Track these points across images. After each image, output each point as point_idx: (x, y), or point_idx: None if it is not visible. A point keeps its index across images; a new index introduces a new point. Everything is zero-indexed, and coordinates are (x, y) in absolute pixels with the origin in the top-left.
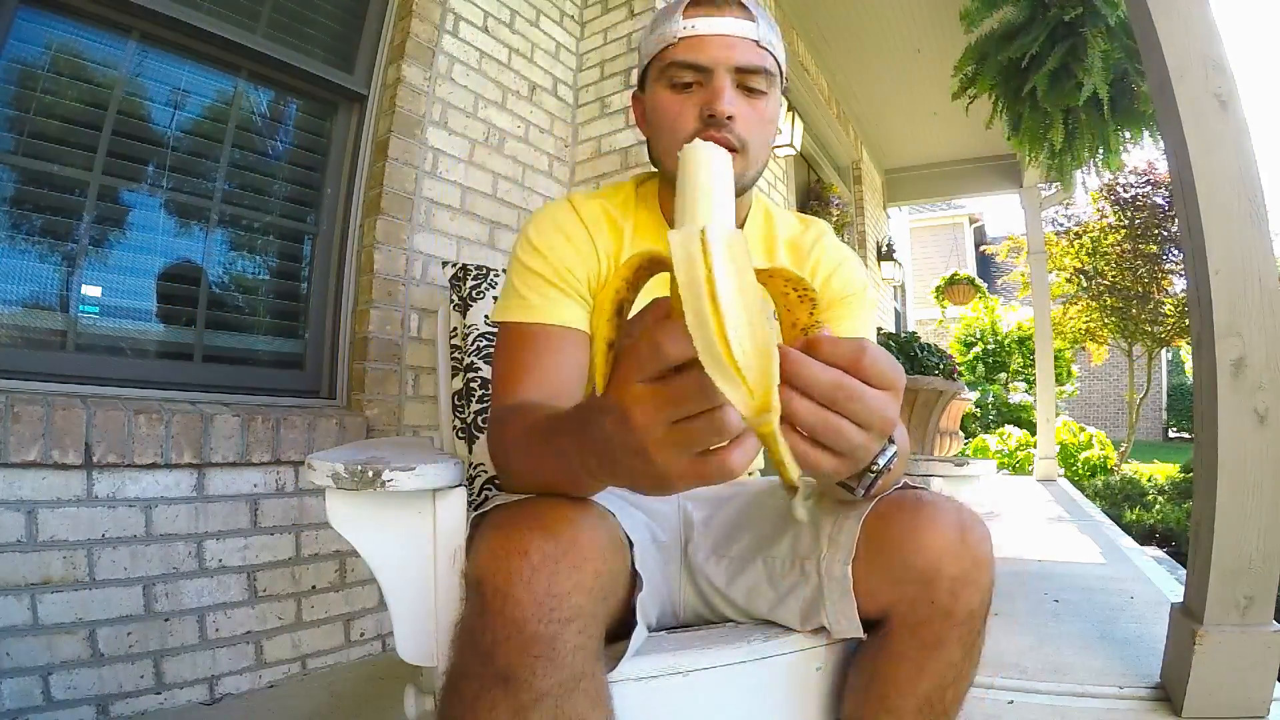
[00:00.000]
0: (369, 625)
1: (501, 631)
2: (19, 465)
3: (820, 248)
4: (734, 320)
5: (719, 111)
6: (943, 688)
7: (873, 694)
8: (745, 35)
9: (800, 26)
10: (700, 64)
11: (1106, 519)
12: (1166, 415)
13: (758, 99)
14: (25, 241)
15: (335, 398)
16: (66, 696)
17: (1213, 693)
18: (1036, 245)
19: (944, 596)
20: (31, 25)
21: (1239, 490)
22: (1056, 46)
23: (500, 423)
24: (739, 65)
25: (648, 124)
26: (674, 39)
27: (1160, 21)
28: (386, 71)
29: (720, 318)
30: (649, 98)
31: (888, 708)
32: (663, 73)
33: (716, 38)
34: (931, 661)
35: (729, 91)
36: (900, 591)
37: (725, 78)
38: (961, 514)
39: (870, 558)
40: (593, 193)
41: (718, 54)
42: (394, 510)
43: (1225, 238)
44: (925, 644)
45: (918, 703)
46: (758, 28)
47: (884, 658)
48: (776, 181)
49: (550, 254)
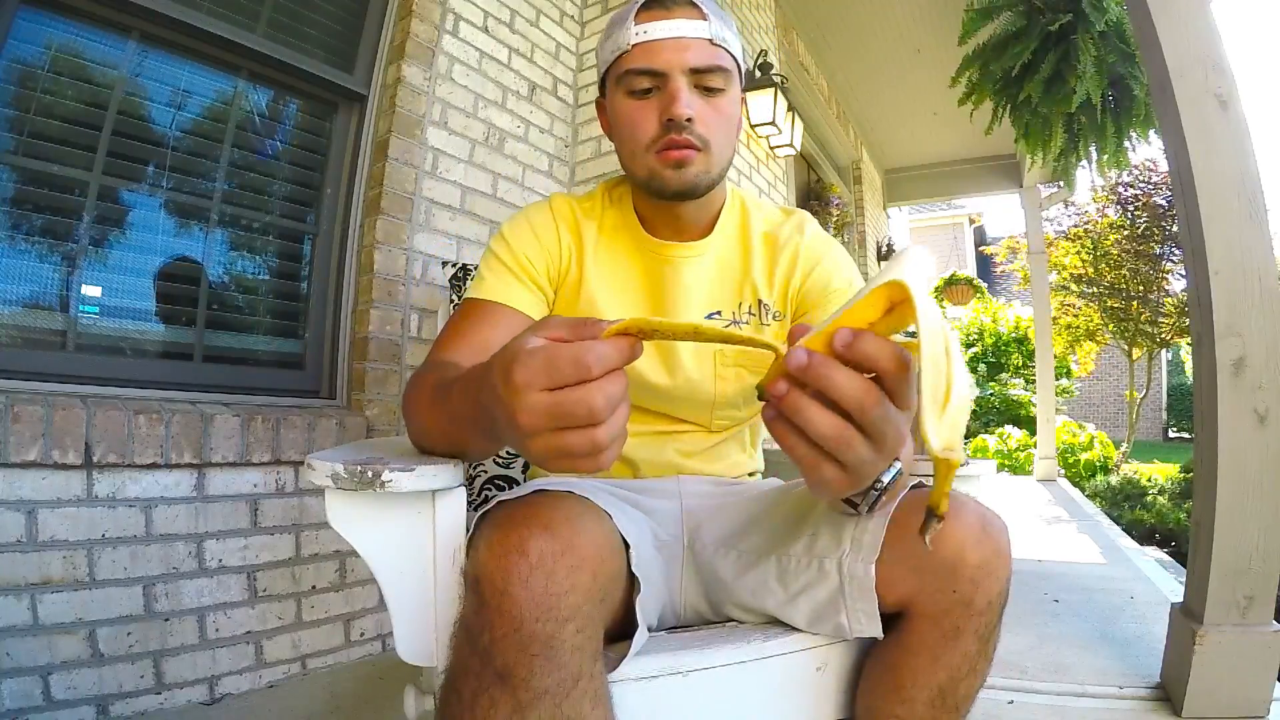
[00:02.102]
0: (369, 625)
1: (499, 630)
2: (19, 465)
3: (798, 241)
4: (959, 369)
5: (678, 115)
6: (956, 680)
7: (888, 684)
8: (698, 35)
9: (800, 26)
10: (655, 69)
11: (1106, 519)
12: (1166, 415)
13: (716, 96)
14: (25, 241)
15: (335, 398)
16: (66, 696)
17: (1213, 693)
18: (1036, 245)
19: (965, 586)
20: (31, 25)
21: (1239, 490)
22: (1048, 54)
23: (417, 377)
24: (693, 66)
25: (612, 130)
26: (628, 46)
27: (1160, 21)
28: (386, 71)
29: (950, 364)
30: (610, 105)
31: (902, 698)
32: (620, 80)
33: (669, 41)
34: (948, 653)
35: (685, 94)
36: (921, 581)
37: (681, 80)
38: (980, 507)
39: (890, 549)
40: (573, 195)
41: (671, 57)
42: (394, 510)
43: (1225, 238)
44: (944, 634)
45: (931, 694)
46: (710, 25)
47: (901, 648)
48: (776, 181)
49: (514, 243)
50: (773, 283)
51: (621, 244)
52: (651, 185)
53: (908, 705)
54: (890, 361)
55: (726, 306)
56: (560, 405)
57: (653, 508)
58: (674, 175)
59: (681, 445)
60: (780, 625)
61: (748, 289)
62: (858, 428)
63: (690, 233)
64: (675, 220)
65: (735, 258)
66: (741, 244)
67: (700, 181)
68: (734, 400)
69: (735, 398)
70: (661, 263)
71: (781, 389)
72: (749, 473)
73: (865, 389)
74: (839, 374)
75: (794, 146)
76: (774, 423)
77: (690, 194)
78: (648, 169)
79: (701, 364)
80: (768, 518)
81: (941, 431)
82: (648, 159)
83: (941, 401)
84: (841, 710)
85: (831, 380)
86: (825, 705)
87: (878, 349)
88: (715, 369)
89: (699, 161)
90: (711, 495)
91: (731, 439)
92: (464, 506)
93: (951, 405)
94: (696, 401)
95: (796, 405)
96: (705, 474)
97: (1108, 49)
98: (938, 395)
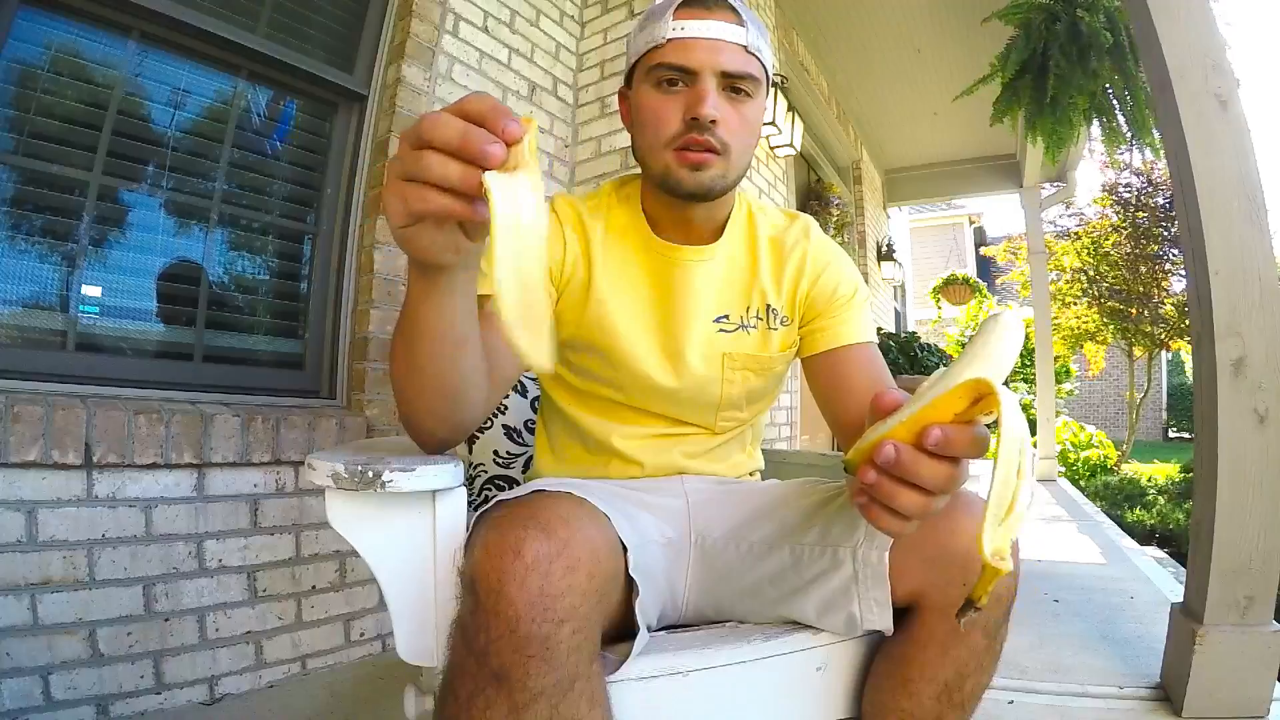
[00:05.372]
0: (369, 625)
1: (495, 630)
2: (19, 465)
3: (804, 247)
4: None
5: (702, 116)
6: (963, 676)
7: (896, 678)
8: (734, 40)
9: (800, 26)
10: (687, 67)
11: (1106, 519)
12: (1166, 415)
13: (742, 103)
14: (25, 241)
15: (335, 398)
16: (66, 696)
17: (1213, 692)
18: (1036, 245)
19: (977, 577)
20: (31, 25)
21: (1239, 490)
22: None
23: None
24: (725, 70)
25: (632, 122)
26: (662, 40)
27: (1160, 21)
28: (386, 71)
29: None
30: (635, 96)
31: (910, 691)
32: (649, 73)
33: (704, 41)
34: (956, 647)
35: (713, 96)
36: (934, 573)
37: (710, 82)
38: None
39: (904, 542)
40: (575, 196)
41: (705, 57)
42: (394, 511)
43: (1225, 238)
44: (953, 627)
45: (938, 689)
46: (747, 32)
47: (910, 641)
48: (776, 181)
49: None
50: (781, 287)
51: (629, 245)
52: (666, 182)
53: (915, 699)
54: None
55: (734, 310)
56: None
57: (658, 505)
58: (690, 176)
59: (685, 447)
60: (780, 625)
61: (756, 293)
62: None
63: (700, 236)
64: (686, 222)
65: (743, 262)
66: (749, 248)
67: (715, 185)
68: (738, 402)
69: (740, 400)
70: (670, 265)
71: (872, 478)
72: (749, 472)
73: (948, 474)
74: (925, 466)
75: (794, 146)
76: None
77: (704, 196)
78: (664, 165)
79: (709, 366)
80: (778, 510)
81: (996, 540)
82: (665, 155)
83: (1002, 516)
84: (842, 710)
85: (919, 474)
86: (825, 705)
87: (965, 446)
88: (722, 371)
89: (717, 165)
90: (717, 492)
91: (733, 440)
92: (464, 506)
93: (1011, 518)
94: (702, 404)
95: (889, 492)
96: (709, 474)
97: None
98: (1000, 509)
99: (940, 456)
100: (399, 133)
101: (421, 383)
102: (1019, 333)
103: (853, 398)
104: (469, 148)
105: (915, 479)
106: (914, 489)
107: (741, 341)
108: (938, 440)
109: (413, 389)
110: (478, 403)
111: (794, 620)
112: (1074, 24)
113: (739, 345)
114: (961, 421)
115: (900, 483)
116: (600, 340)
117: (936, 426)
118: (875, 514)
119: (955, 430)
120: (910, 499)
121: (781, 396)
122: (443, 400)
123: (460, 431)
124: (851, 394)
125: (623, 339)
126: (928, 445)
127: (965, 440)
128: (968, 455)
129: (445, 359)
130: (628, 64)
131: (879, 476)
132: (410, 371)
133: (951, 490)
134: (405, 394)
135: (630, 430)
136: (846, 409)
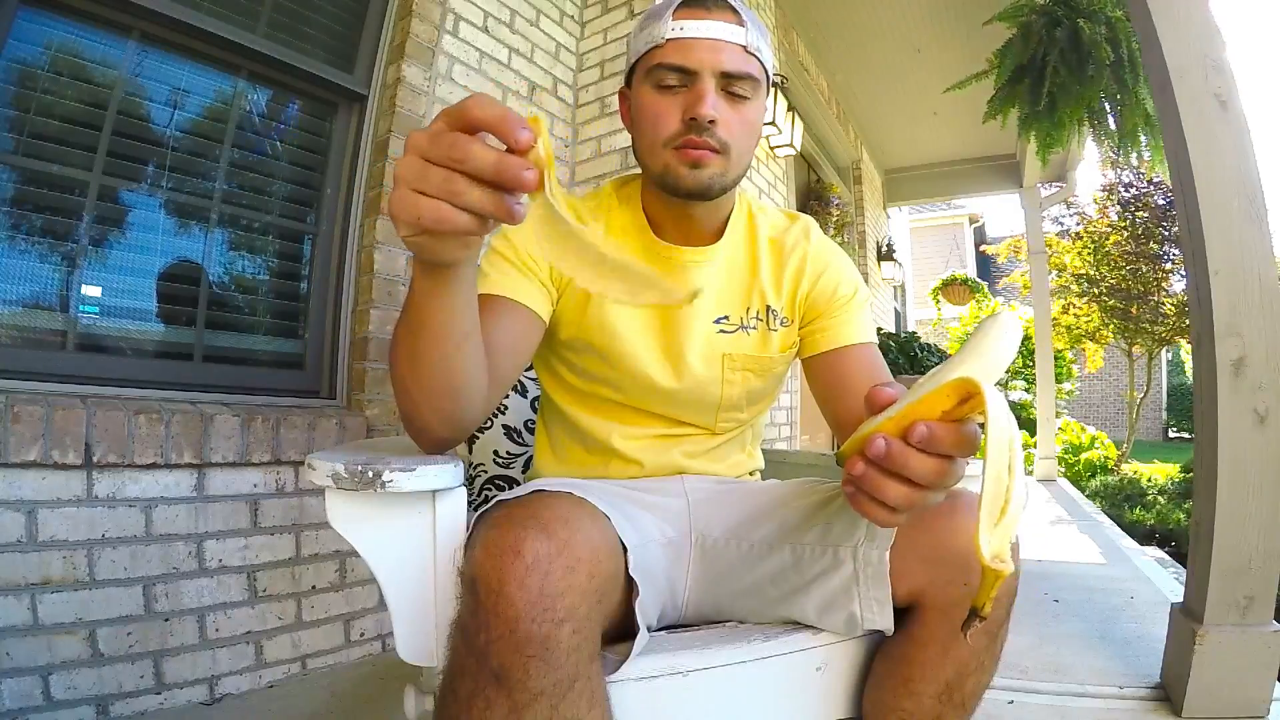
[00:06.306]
0: (369, 625)
1: (495, 630)
2: (19, 465)
3: (804, 248)
4: (1019, 484)
5: (701, 116)
6: (964, 675)
7: (896, 678)
8: (733, 40)
9: (800, 26)
10: (686, 67)
11: (1106, 519)
12: (1166, 415)
13: (742, 104)
14: (25, 241)
15: (335, 398)
16: (66, 696)
17: (1213, 693)
18: (1036, 245)
19: (977, 579)
20: (31, 25)
21: (1239, 490)
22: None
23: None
24: (725, 70)
25: (632, 122)
26: (661, 40)
27: (1160, 21)
28: (386, 71)
29: (1012, 480)
30: (634, 96)
31: (910, 691)
32: (649, 73)
33: (704, 41)
34: (957, 646)
35: (712, 96)
36: (934, 573)
37: (710, 82)
38: None
39: (904, 541)
40: (576, 196)
41: (704, 58)
42: (394, 511)
43: (1225, 238)
44: (954, 627)
45: (938, 689)
46: (747, 33)
47: (910, 641)
48: (776, 181)
49: (515, 239)
50: (781, 288)
51: (630, 246)
52: (665, 181)
53: (915, 699)
54: (963, 449)
55: (734, 311)
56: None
57: (658, 505)
58: (689, 174)
59: (685, 448)
60: (780, 625)
61: (756, 294)
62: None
63: (700, 236)
64: (686, 222)
65: (743, 262)
66: (749, 249)
67: (714, 184)
68: (738, 403)
69: (740, 400)
70: (671, 266)
71: (860, 469)
72: (749, 472)
73: (936, 469)
74: (914, 460)
75: (794, 146)
76: (854, 496)
77: (703, 195)
78: (663, 164)
79: (709, 367)
80: (778, 510)
81: (993, 542)
82: (665, 154)
83: (997, 516)
84: (842, 710)
85: (908, 466)
86: (825, 705)
87: (952, 444)
88: (722, 372)
89: (716, 164)
90: (717, 491)
91: (733, 440)
92: (464, 506)
93: (1006, 518)
94: (703, 404)
95: (876, 484)
96: (709, 474)
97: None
98: (994, 509)
99: (929, 452)
100: (400, 133)
101: (424, 379)
102: (1016, 333)
103: (853, 398)
104: (504, 177)
105: (904, 472)
106: (902, 482)
107: (741, 342)
108: (923, 437)
109: (415, 385)
110: (478, 401)
111: (794, 620)
112: (1074, 31)
113: (739, 346)
114: (951, 419)
115: (889, 475)
116: (600, 340)
117: (923, 423)
118: (863, 504)
119: (941, 428)
120: (898, 491)
121: (781, 396)
122: (444, 397)
123: (461, 430)
124: (851, 394)
125: (623, 339)
126: (913, 441)
127: (951, 438)
128: (955, 453)
129: (448, 355)
130: (627, 64)
131: (867, 469)
132: (413, 367)
133: (943, 486)
134: (407, 391)
135: (630, 430)
136: (847, 409)
